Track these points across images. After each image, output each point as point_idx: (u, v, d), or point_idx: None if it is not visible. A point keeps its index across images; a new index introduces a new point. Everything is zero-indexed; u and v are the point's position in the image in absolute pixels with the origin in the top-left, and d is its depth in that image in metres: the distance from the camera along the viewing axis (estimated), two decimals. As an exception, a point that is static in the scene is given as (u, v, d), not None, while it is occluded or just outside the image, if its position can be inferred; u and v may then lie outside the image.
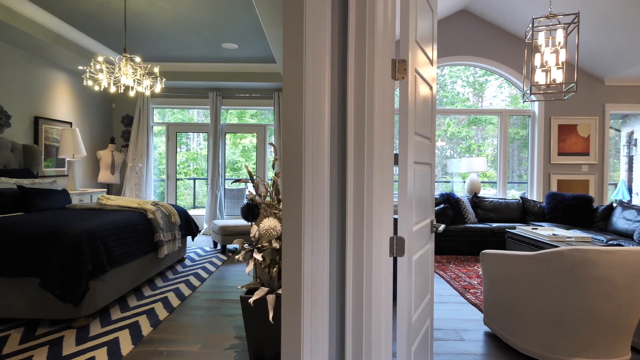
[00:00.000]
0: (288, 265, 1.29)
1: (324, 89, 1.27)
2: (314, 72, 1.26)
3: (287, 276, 1.29)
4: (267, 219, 2.09)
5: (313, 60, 1.26)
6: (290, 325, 1.27)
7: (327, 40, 1.27)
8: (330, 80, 1.29)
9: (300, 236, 1.26)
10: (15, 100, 4.44)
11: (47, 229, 2.57)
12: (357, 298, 1.27)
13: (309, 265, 1.26)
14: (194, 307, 2.97)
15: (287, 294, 1.28)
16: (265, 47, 5.11)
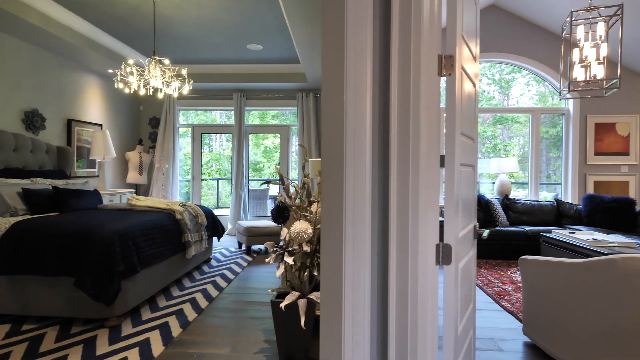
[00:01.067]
0: (327, 272, 1.23)
1: (365, 87, 1.21)
2: (355, 69, 1.20)
3: (327, 285, 1.23)
4: (298, 222, 2.04)
5: (354, 57, 1.20)
6: (329, 336, 1.21)
7: (368, 35, 1.21)
8: (372, 78, 1.23)
9: (341, 242, 1.21)
10: (49, 103, 4.58)
11: (81, 229, 2.61)
12: (401, 308, 1.19)
13: (350, 273, 1.20)
14: (222, 309, 2.96)
15: (327, 303, 1.22)
16: (290, 47, 5.09)
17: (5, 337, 2.40)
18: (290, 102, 6.45)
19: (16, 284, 2.60)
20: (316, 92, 6.36)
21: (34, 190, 3.26)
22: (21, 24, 3.70)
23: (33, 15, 3.69)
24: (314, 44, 4.10)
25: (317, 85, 6.03)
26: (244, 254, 4.80)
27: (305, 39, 3.95)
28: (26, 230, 2.60)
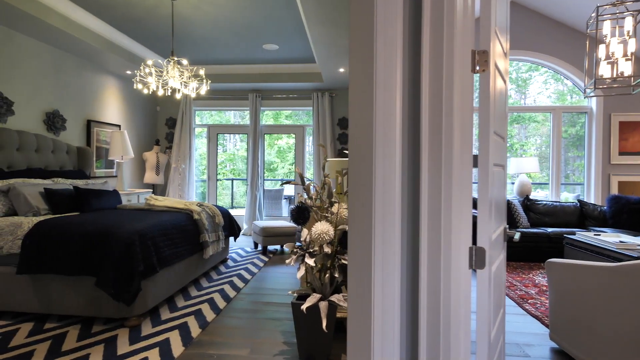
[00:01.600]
0: (355, 276, 1.20)
1: (395, 83, 1.17)
2: (385, 65, 1.16)
3: (355, 290, 1.19)
4: (319, 223, 2.01)
5: (384, 52, 1.16)
6: (358, 344, 1.17)
7: (398, 28, 1.17)
8: (402, 74, 1.19)
9: (370, 245, 1.17)
10: (69, 104, 4.66)
11: (102, 229, 2.63)
12: (432, 314, 1.15)
13: (379, 277, 1.16)
14: (240, 310, 2.95)
15: (355, 310, 1.18)
16: (306, 47, 5.06)
17: (29, 335, 2.44)
18: (305, 102, 6.43)
19: (39, 282, 2.64)
20: (332, 91, 6.32)
21: (55, 190, 3.31)
22: (43, 26, 3.76)
23: (54, 17, 3.75)
24: (330, 43, 4.06)
25: (332, 84, 6.00)
26: (260, 254, 4.79)
27: (322, 38, 3.92)
28: (49, 229, 2.64)
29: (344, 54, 4.43)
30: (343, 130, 6.34)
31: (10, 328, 2.54)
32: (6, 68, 3.80)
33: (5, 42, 3.77)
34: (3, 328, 2.54)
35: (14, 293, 2.66)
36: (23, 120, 4.01)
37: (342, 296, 2.01)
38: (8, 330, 2.50)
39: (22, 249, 2.59)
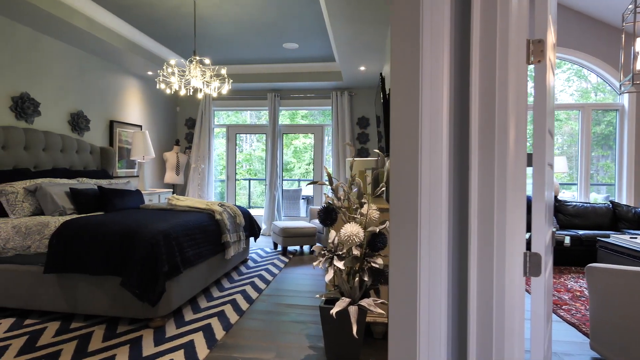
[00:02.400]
0: (398, 284, 1.12)
1: (442, 77, 1.09)
2: (432, 57, 1.08)
3: (398, 298, 1.12)
4: (348, 225, 1.94)
5: (431, 43, 1.08)
6: (401, 356, 1.10)
7: (445, 16, 1.09)
8: (449, 67, 1.11)
9: (416, 251, 1.09)
10: (93, 105, 4.72)
11: (127, 229, 2.62)
12: (483, 324, 1.06)
13: (425, 286, 1.08)
14: (263, 312, 2.91)
15: (398, 318, 1.11)
16: (326, 45, 5.00)
17: (56, 335, 2.44)
18: (324, 101, 6.36)
19: (66, 282, 2.65)
20: (351, 90, 6.24)
21: (81, 190, 3.33)
22: (68, 28, 3.81)
23: (80, 19, 3.79)
24: (352, 40, 3.99)
25: (352, 83, 5.92)
26: (280, 255, 4.75)
27: (344, 35, 3.85)
28: (75, 229, 2.65)
29: (365, 51, 4.35)
30: (362, 129, 6.25)
31: (38, 327, 2.56)
32: (33, 70, 3.86)
33: (32, 45, 3.84)
34: (31, 327, 2.56)
35: (41, 292, 2.68)
36: (49, 121, 4.07)
37: (372, 300, 1.94)
38: (35, 329, 2.51)
39: (49, 248, 2.60)
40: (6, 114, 3.59)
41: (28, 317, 2.72)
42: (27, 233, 2.71)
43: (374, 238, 2.03)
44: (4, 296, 2.72)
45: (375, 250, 2.05)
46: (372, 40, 4.01)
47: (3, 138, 3.40)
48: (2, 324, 2.59)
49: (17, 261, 2.73)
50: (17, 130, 3.53)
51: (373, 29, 3.66)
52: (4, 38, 3.54)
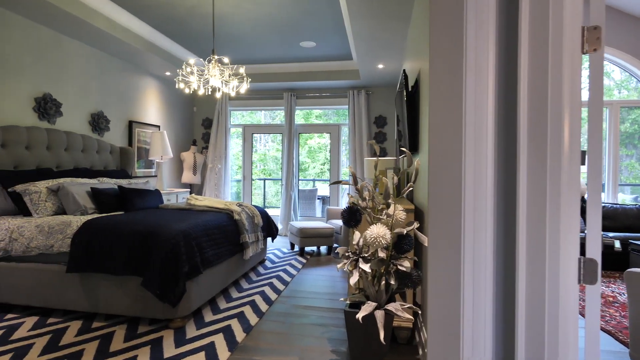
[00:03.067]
0: (437, 291, 1.05)
1: (487, 70, 1.01)
2: (477, 46, 1.00)
3: (436, 306, 1.04)
4: (375, 226, 1.87)
5: (476, 30, 1.00)
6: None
7: (490, 5, 1.01)
8: (495, 59, 1.03)
9: (459, 257, 1.02)
10: (112, 106, 4.76)
11: (147, 229, 2.61)
12: (533, 335, 0.98)
13: (469, 294, 1.01)
14: (283, 314, 2.86)
15: (438, 327, 1.04)
16: (343, 43, 4.93)
17: (78, 334, 2.45)
18: (341, 100, 6.30)
19: (88, 281, 2.65)
20: (368, 89, 6.15)
21: (101, 190, 3.35)
22: (89, 29, 3.84)
23: (100, 19, 3.82)
24: (371, 37, 3.91)
25: (369, 82, 5.83)
26: (298, 256, 4.70)
27: (363, 32, 3.78)
28: (96, 229, 2.65)
29: (384, 48, 4.26)
30: (380, 128, 6.16)
31: (61, 326, 2.56)
32: (55, 71, 3.91)
33: (55, 46, 3.88)
34: (54, 326, 2.57)
35: (64, 291, 2.69)
36: (70, 121, 4.12)
37: (399, 305, 1.86)
38: (59, 328, 2.52)
39: (71, 247, 2.61)
40: (29, 114, 3.64)
41: (51, 316, 2.73)
42: (50, 232, 2.72)
43: (400, 240, 1.96)
44: (29, 295, 2.74)
45: (402, 253, 1.97)
46: (392, 37, 3.92)
47: (27, 138, 3.44)
48: (26, 323, 2.61)
49: (41, 260, 2.75)
50: (40, 130, 3.57)
51: (393, 25, 3.57)
52: (28, 40, 3.59)
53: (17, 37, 3.50)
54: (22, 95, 3.56)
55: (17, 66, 3.51)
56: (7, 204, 3.08)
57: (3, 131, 3.25)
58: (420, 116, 2.54)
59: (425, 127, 2.33)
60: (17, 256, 2.75)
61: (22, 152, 3.40)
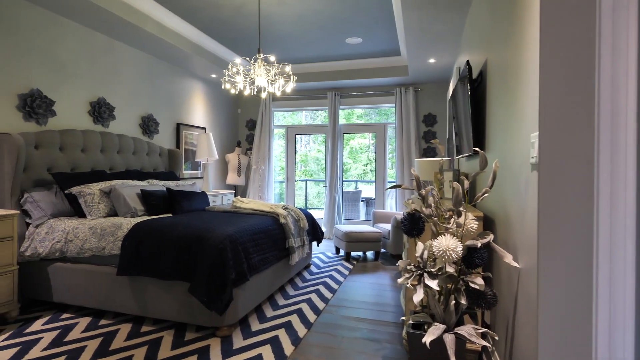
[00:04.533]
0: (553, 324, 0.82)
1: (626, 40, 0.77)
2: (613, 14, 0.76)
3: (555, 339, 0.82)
4: (443, 237, 1.64)
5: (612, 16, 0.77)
6: None
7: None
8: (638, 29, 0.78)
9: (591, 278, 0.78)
10: (161, 109, 4.85)
11: (194, 233, 2.55)
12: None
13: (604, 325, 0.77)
14: (332, 325, 2.69)
15: None
16: (391, 38, 4.68)
17: (128, 338, 2.42)
18: (386, 98, 6.03)
19: (137, 285, 2.64)
20: (416, 86, 5.85)
21: (151, 192, 3.36)
22: (140, 34, 3.91)
23: (150, 24, 3.87)
24: (424, 30, 3.64)
25: (418, 78, 5.53)
26: (343, 261, 4.52)
27: (416, 25, 3.52)
28: (146, 232, 2.63)
29: (436, 41, 3.97)
30: (429, 127, 5.83)
31: (112, 328, 2.56)
32: (109, 76, 4.02)
33: (108, 51, 3.99)
34: (105, 328, 2.57)
35: (115, 293, 2.70)
36: (122, 125, 4.22)
37: (472, 328, 1.62)
38: (110, 331, 2.52)
39: (121, 250, 2.61)
40: (85, 118, 3.75)
41: (103, 317, 2.75)
42: (102, 234, 2.74)
43: (471, 253, 1.71)
44: (83, 296, 2.78)
45: (472, 268, 1.73)
46: (446, 29, 3.63)
47: (82, 141, 3.54)
48: (80, 323, 2.64)
49: (94, 262, 2.78)
50: (94, 133, 3.67)
51: (448, 15, 3.29)
52: (84, 46, 3.70)
53: (74, 44, 3.61)
54: (79, 100, 3.68)
55: (74, 72, 3.62)
56: (64, 205, 3.17)
57: (61, 135, 3.36)
58: (488, 111, 2.27)
59: (494, 123, 2.06)
60: (72, 257, 2.80)
61: (78, 155, 3.51)
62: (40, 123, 3.30)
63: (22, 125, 3.17)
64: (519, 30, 1.57)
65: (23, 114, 3.16)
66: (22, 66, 3.15)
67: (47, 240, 2.83)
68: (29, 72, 3.20)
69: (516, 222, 1.62)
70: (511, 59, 1.71)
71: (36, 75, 3.27)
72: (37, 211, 2.97)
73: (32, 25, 3.22)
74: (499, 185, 1.95)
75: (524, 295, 1.49)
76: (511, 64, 1.71)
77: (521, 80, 1.53)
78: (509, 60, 1.76)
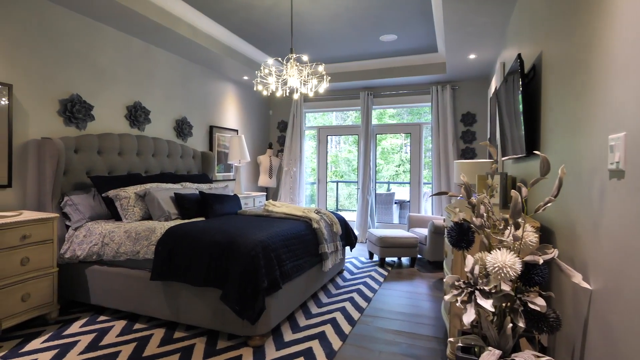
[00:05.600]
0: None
1: None
2: None
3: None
4: (498, 252, 1.46)
5: None
6: None
7: None
8: None
9: None
10: (195, 112, 4.88)
11: (226, 239, 2.49)
12: None
13: None
14: (368, 338, 2.54)
15: None
16: (428, 34, 4.46)
17: (160, 344, 2.40)
18: (421, 97, 5.79)
19: (170, 290, 2.62)
20: (454, 83, 5.57)
21: (184, 195, 3.36)
22: (174, 37, 3.93)
23: (183, 27, 3.88)
24: (465, 24, 3.42)
25: (456, 75, 5.26)
26: (378, 267, 4.35)
27: (456, 19, 3.31)
28: (178, 237, 2.60)
29: (478, 36, 3.72)
30: (468, 127, 5.53)
31: (146, 333, 2.55)
32: (145, 80, 4.07)
33: (144, 56, 4.05)
34: (139, 332, 2.56)
35: (148, 298, 2.69)
36: (157, 128, 4.27)
37: (532, 356, 1.43)
38: (144, 336, 2.51)
39: (155, 255, 2.59)
40: (122, 122, 3.82)
41: (137, 321, 2.75)
42: (137, 238, 2.75)
43: (529, 269, 1.52)
44: (118, 299, 2.79)
45: (530, 286, 1.53)
46: (490, 22, 3.38)
47: (119, 145, 3.60)
48: (115, 326, 2.65)
49: (129, 265, 2.79)
50: (131, 137, 3.72)
51: (493, 6, 3.06)
52: (121, 52, 3.77)
53: (112, 49, 3.68)
54: (116, 104, 3.75)
55: (112, 77, 3.69)
56: (101, 208, 3.22)
57: (99, 138, 3.42)
58: (543, 109, 2.04)
59: (553, 123, 1.84)
60: (108, 260, 2.82)
61: (115, 158, 3.56)
62: (79, 127, 3.38)
63: (63, 129, 3.24)
64: (594, 19, 1.36)
65: (64, 118, 3.24)
66: (63, 72, 3.23)
67: (85, 243, 2.87)
68: (69, 78, 3.28)
69: (585, 236, 1.42)
70: (580, 51, 1.50)
71: (76, 80, 3.34)
72: (76, 214, 3.02)
73: (72, 32, 3.29)
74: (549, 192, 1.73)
75: (597, 322, 1.29)
76: (579, 57, 1.50)
77: (595, 74, 1.33)
78: (575, 52, 1.55)
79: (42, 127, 3.08)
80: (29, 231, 2.53)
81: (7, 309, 2.39)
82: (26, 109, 2.96)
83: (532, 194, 2.32)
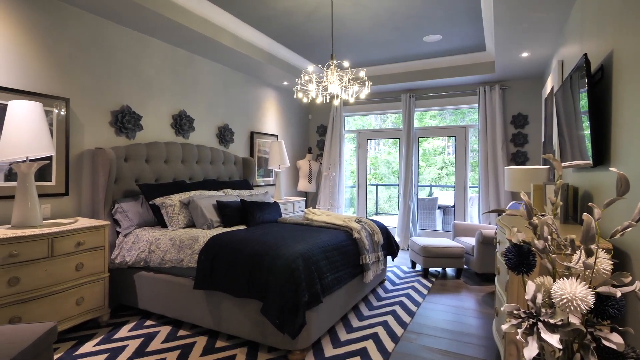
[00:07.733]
0: None
1: None
2: None
3: None
4: (566, 281, 1.30)
5: None
6: None
7: None
8: None
9: None
10: (236, 118, 4.96)
11: (266, 250, 2.47)
12: None
13: None
14: (413, 358, 2.42)
15: None
16: (476, 32, 4.22)
17: (203, 354, 2.42)
18: (467, 98, 5.51)
19: (212, 299, 2.64)
20: (503, 83, 5.25)
21: (226, 203, 3.40)
22: (217, 47, 4.00)
23: (226, 36, 3.95)
24: (518, 20, 3.17)
25: (505, 75, 4.94)
26: (421, 277, 4.18)
27: (508, 15, 3.08)
28: (220, 247, 2.62)
29: (532, 32, 3.45)
30: (519, 129, 5.18)
31: (189, 341, 2.59)
32: (189, 89, 4.19)
33: (188, 65, 4.16)
34: (183, 340, 2.61)
35: (192, 305, 2.73)
36: (200, 135, 4.38)
37: (607, 401, 1.25)
38: (187, 343, 2.55)
39: (198, 264, 2.63)
40: (168, 130, 3.95)
41: (181, 328, 2.81)
42: (181, 247, 2.80)
43: (603, 301, 1.34)
44: (164, 305, 2.87)
45: (604, 319, 1.35)
46: (545, 17, 3.12)
47: (165, 153, 3.72)
48: (161, 332, 2.72)
49: (174, 272, 2.85)
50: (176, 145, 3.84)
51: (551, 1, 2.81)
52: (167, 62, 3.90)
53: (158, 60, 3.81)
54: (163, 114, 3.88)
55: (159, 87, 3.82)
56: (149, 215, 3.33)
57: (147, 147, 3.55)
58: (614, 113, 1.82)
59: (628, 129, 1.63)
60: (154, 267, 2.91)
61: (161, 166, 3.69)
62: (129, 137, 3.52)
63: (115, 139, 3.40)
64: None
65: (115, 129, 3.40)
66: (114, 84, 3.39)
67: (133, 249, 2.98)
68: (119, 90, 3.43)
69: (675, 267, 1.22)
70: (664, 50, 1.30)
71: (126, 92, 3.49)
72: (125, 221, 3.15)
73: (121, 46, 3.44)
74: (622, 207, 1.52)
75: (693, 371, 1.10)
76: (664, 57, 1.30)
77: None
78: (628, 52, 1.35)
79: (96, 138, 3.24)
80: (83, 238, 2.65)
81: (63, 312, 2.52)
82: (81, 121, 3.12)
83: (614, 210, 2.09)
